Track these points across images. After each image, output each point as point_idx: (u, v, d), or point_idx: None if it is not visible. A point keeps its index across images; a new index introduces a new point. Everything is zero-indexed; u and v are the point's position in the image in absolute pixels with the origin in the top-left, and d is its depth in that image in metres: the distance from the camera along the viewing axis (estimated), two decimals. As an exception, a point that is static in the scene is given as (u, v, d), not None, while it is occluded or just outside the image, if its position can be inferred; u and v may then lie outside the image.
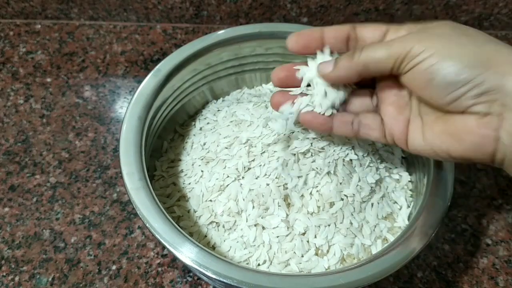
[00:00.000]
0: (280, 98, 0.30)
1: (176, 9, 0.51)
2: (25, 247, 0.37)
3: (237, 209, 0.32)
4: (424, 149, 0.26)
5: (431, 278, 0.37)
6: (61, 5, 0.51)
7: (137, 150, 0.31)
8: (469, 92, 0.22)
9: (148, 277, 0.36)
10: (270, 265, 0.31)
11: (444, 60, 0.22)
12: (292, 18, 0.53)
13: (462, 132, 0.23)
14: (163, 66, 0.36)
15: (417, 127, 0.26)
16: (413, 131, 0.27)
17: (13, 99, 0.46)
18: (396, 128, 0.27)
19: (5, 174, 0.41)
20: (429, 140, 0.26)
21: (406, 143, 0.27)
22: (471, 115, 0.23)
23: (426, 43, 0.23)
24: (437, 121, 0.25)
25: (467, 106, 0.23)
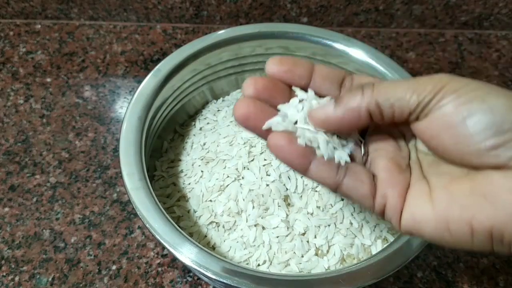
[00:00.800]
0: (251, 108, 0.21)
1: (176, 9, 0.51)
2: (25, 247, 0.37)
3: (237, 209, 0.32)
4: (429, 220, 0.19)
5: (431, 278, 0.37)
6: (61, 5, 0.51)
7: (137, 150, 0.31)
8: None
9: (148, 277, 0.36)
10: (270, 265, 0.31)
11: (488, 97, 0.18)
12: (292, 18, 0.53)
13: (500, 190, 0.17)
14: (163, 66, 0.36)
15: (421, 193, 0.20)
16: (414, 199, 0.20)
17: (13, 99, 0.46)
18: (394, 190, 0.20)
19: (5, 174, 0.41)
20: (442, 206, 0.19)
21: (400, 214, 0.20)
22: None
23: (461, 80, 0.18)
24: (457, 181, 0.19)
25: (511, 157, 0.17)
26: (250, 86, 0.21)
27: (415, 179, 0.21)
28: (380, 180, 0.21)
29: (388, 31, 0.54)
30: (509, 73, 0.52)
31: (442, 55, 0.52)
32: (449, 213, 0.18)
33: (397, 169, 0.21)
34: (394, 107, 0.19)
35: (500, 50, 0.54)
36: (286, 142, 0.20)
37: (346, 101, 0.20)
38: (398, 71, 0.37)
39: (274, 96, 0.21)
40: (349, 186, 0.21)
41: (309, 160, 0.20)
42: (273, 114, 0.21)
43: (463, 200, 0.18)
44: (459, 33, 0.55)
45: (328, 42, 0.38)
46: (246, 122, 0.21)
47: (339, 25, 0.54)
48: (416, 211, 0.19)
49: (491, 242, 0.18)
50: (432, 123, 0.19)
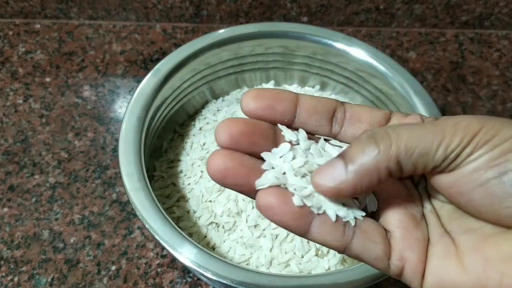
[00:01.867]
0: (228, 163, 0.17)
1: (176, 9, 0.51)
2: (24, 247, 0.37)
3: (237, 209, 0.32)
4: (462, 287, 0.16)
5: (432, 279, 0.37)
6: (60, 4, 0.51)
7: (136, 150, 0.31)
8: None
9: (147, 278, 0.36)
10: (270, 266, 0.31)
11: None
12: (292, 18, 0.53)
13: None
14: (163, 65, 0.36)
15: (446, 252, 0.17)
16: (440, 260, 0.17)
17: (12, 99, 0.46)
18: (414, 251, 0.17)
19: (4, 174, 0.41)
20: (476, 272, 0.16)
21: (422, 277, 0.17)
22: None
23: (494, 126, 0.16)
24: (491, 241, 0.16)
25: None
26: (223, 133, 0.17)
27: (436, 235, 0.18)
28: (396, 239, 0.17)
29: (389, 30, 0.54)
30: (510, 72, 0.51)
31: (443, 54, 0.52)
32: (487, 282, 0.16)
33: (413, 223, 0.18)
34: (417, 162, 0.16)
35: (500, 50, 0.53)
36: (279, 203, 0.16)
37: (359, 160, 0.16)
38: (399, 70, 0.37)
39: (255, 141, 0.17)
40: (359, 247, 0.17)
41: (309, 221, 0.17)
42: (257, 166, 0.17)
43: (501, 266, 0.16)
44: (459, 33, 0.55)
45: (328, 42, 0.38)
46: (223, 180, 0.17)
47: (339, 25, 0.54)
48: (444, 277, 0.17)
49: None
50: (461, 179, 0.16)
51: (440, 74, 0.51)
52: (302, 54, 0.40)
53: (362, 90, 0.40)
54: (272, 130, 0.18)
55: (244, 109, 0.18)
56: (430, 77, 0.50)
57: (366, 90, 0.40)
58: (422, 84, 0.38)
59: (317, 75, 0.42)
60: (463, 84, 0.50)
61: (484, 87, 0.50)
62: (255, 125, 0.18)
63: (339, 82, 0.42)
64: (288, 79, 0.43)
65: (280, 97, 0.18)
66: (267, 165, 0.17)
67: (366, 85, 0.39)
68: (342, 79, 0.41)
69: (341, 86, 0.42)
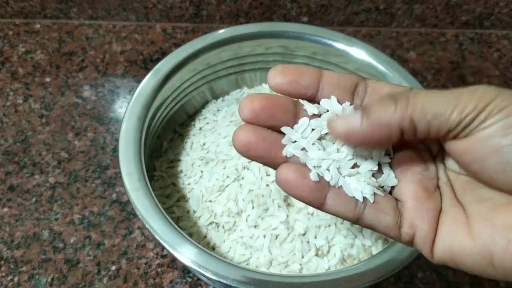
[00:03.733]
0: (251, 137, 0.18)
1: (176, 9, 0.51)
2: (24, 247, 0.37)
3: (237, 209, 0.32)
4: (470, 253, 0.17)
5: (432, 279, 0.37)
6: (60, 4, 0.51)
7: (136, 150, 0.31)
8: None
9: (147, 278, 0.36)
10: (270, 266, 0.31)
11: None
12: (292, 18, 0.53)
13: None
14: (163, 65, 0.36)
15: (456, 220, 0.18)
16: (449, 226, 0.18)
17: (12, 99, 0.46)
18: (424, 220, 0.18)
19: (4, 174, 0.41)
20: (484, 238, 0.17)
21: (432, 244, 0.18)
22: None
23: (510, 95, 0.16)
24: (501, 210, 0.17)
25: None
26: (245, 108, 0.18)
27: (448, 204, 0.19)
28: (408, 208, 0.19)
29: (389, 30, 0.54)
30: (510, 72, 0.51)
31: (443, 54, 0.52)
32: (493, 247, 0.17)
33: (426, 195, 0.19)
34: (431, 124, 0.17)
35: (501, 50, 0.53)
36: (297, 177, 0.18)
37: (376, 114, 0.17)
38: (399, 70, 0.37)
39: (275, 115, 0.19)
40: (371, 218, 0.19)
41: (324, 194, 0.18)
42: (278, 140, 0.19)
43: (509, 233, 0.16)
44: (459, 33, 0.55)
45: (328, 42, 0.38)
46: (248, 153, 0.19)
47: (339, 25, 0.54)
48: (454, 243, 0.18)
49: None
50: (476, 145, 0.16)
51: (440, 74, 0.51)
52: (302, 54, 0.40)
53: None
54: (292, 104, 0.19)
55: (271, 84, 0.19)
56: (430, 77, 0.50)
57: (366, 90, 0.40)
58: (422, 84, 0.38)
59: (317, 75, 0.42)
60: (463, 84, 0.50)
61: (484, 87, 0.50)
62: (275, 100, 0.19)
63: (339, 82, 0.41)
64: (288, 79, 0.43)
65: (304, 72, 0.19)
66: (287, 139, 0.19)
67: (366, 85, 0.39)
68: (342, 79, 0.41)
69: (341, 86, 0.42)
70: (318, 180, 0.18)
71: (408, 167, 0.19)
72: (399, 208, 0.19)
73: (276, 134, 0.19)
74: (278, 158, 0.19)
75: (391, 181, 0.19)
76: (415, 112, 0.17)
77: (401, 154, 0.20)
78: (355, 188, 0.19)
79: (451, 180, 0.19)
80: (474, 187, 0.18)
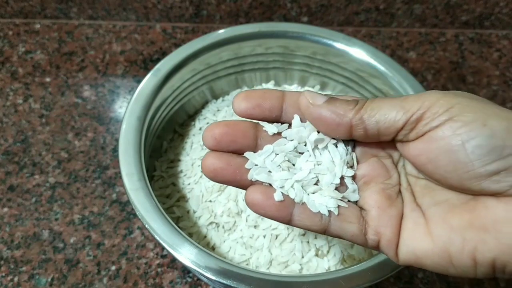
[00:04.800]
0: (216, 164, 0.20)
1: (176, 9, 0.51)
2: (24, 247, 0.37)
3: (237, 209, 0.32)
4: (430, 255, 0.18)
5: (432, 279, 0.37)
6: (60, 4, 0.51)
7: (136, 150, 0.31)
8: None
9: (147, 278, 0.36)
10: (270, 266, 0.31)
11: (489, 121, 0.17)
12: (292, 18, 0.53)
13: (502, 223, 0.17)
14: (163, 65, 0.36)
15: (416, 224, 0.19)
16: (410, 230, 0.19)
17: (12, 99, 0.46)
18: (387, 227, 0.19)
19: (4, 174, 0.41)
20: (442, 240, 0.18)
21: (396, 248, 0.19)
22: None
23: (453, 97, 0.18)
24: (455, 212, 0.18)
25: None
26: (207, 136, 0.20)
27: (409, 210, 0.20)
28: (372, 217, 0.20)
29: (389, 30, 0.54)
30: (510, 72, 0.51)
31: (443, 54, 0.52)
32: (450, 247, 0.18)
33: (388, 202, 0.20)
34: (379, 124, 0.19)
35: (500, 50, 0.53)
36: (263, 198, 0.19)
37: (336, 105, 0.19)
38: (399, 70, 0.37)
39: (236, 140, 0.20)
40: (337, 228, 0.20)
41: (290, 211, 0.20)
42: (242, 165, 0.20)
43: (463, 233, 0.18)
44: (459, 33, 0.55)
45: (328, 42, 0.38)
46: (215, 178, 0.20)
47: (339, 25, 0.54)
48: (415, 246, 0.19)
49: (493, 271, 0.18)
50: (428, 146, 0.18)
51: (440, 74, 0.51)
52: (302, 54, 0.40)
53: (362, 90, 0.40)
54: (252, 127, 0.21)
55: (236, 110, 0.20)
56: (430, 77, 0.50)
57: (366, 90, 0.40)
58: (422, 84, 0.38)
59: (317, 75, 0.42)
60: (463, 84, 0.50)
61: (484, 87, 0.50)
62: (234, 125, 0.20)
63: (339, 82, 0.41)
64: (288, 79, 0.43)
65: (267, 96, 0.20)
66: (250, 164, 0.20)
67: (366, 85, 0.39)
68: (342, 79, 0.41)
69: (341, 86, 0.42)
70: (282, 199, 0.19)
71: (371, 178, 0.21)
72: (364, 216, 0.20)
73: (241, 158, 0.20)
74: (244, 181, 0.20)
75: (354, 197, 0.20)
76: (365, 112, 0.19)
77: (364, 165, 0.21)
78: (320, 203, 0.20)
79: (411, 184, 0.21)
80: (431, 190, 0.19)
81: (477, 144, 0.17)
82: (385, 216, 0.19)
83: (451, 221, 0.18)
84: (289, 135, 0.21)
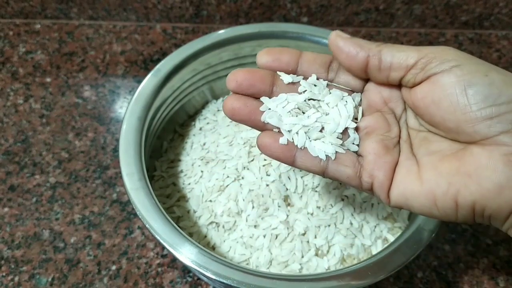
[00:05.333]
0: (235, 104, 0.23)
1: (176, 9, 0.51)
2: (24, 247, 0.37)
3: (237, 209, 0.32)
4: (417, 196, 0.21)
5: (431, 278, 0.37)
6: (60, 5, 0.51)
7: (136, 150, 0.31)
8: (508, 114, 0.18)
9: (148, 277, 0.36)
10: (270, 265, 0.31)
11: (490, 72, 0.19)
12: (292, 18, 0.53)
13: (484, 169, 0.19)
14: (163, 66, 0.36)
15: (409, 170, 0.21)
16: (403, 175, 0.21)
17: (13, 99, 0.46)
18: (380, 171, 0.22)
19: (4, 174, 0.41)
20: (430, 183, 0.20)
21: (387, 191, 0.22)
22: (499, 147, 0.19)
23: (462, 53, 0.20)
24: (446, 160, 0.20)
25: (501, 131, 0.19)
26: (231, 81, 0.23)
27: (404, 158, 0.22)
28: (367, 161, 0.22)
29: (388, 30, 0.54)
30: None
31: (442, 55, 0.52)
32: (436, 190, 0.20)
33: (384, 150, 0.22)
34: (394, 58, 0.21)
35: (500, 50, 0.53)
36: (272, 141, 0.22)
37: (360, 40, 0.22)
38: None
39: (255, 84, 0.23)
40: (334, 171, 0.22)
41: (293, 153, 0.23)
42: (257, 107, 0.23)
43: (450, 178, 0.20)
44: (459, 33, 0.55)
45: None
46: (233, 117, 0.23)
47: (339, 25, 0.54)
48: (405, 188, 0.21)
49: (473, 215, 0.20)
50: (433, 89, 0.20)
51: (440, 74, 0.51)
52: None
53: (362, 90, 0.40)
54: (270, 75, 0.23)
55: (258, 63, 0.23)
56: (429, 77, 0.50)
57: (366, 90, 0.40)
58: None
59: (317, 75, 0.42)
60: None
61: (483, 87, 0.50)
62: (255, 72, 0.23)
63: (339, 82, 0.42)
64: (288, 79, 0.44)
65: (285, 51, 0.23)
66: (264, 107, 0.23)
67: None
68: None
69: (341, 86, 0.42)
70: (286, 143, 0.22)
71: (373, 129, 0.23)
72: (361, 162, 0.22)
73: (257, 101, 0.23)
74: (258, 121, 0.23)
75: (353, 148, 0.23)
76: (385, 47, 0.21)
77: (368, 118, 0.23)
78: (319, 149, 0.22)
79: (411, 137, 0.23)
80: (428, 142, 0.22)
81: (477, 90, 0.19)
82: (380, 162, 0.22)
83: (441, 168, 0.20)
84: (303, 85, 0.23)
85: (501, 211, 0.19)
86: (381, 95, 0.23)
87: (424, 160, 0.21)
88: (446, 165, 0.20)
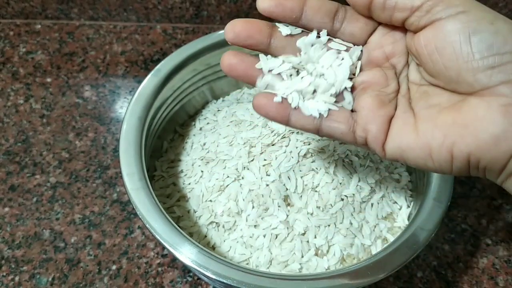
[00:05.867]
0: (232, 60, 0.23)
1: (176, 9, 0.51)
2: (25, 247, 0.37)
3: (237, 209, 0.32)
4: (413, 147, 0.20)
5: (431, 278, 0.37)
6: (61, 5, 0.51)
7: (137, 150, 0.31)
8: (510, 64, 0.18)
9: (148, 277, 0.36)
10: (270, 265, 0.31)
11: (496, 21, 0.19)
12: (292, 18, 0.53)
13: (481, 120, 0.18)
14: (163, 66, 0.36)
15: (406, 123, 0.21)
16: (399, 128, 0.21)
17: (13, 99, 0.46)
18: (374, 124, 0.21)
19: (5, 174, 0.41)
20: (426, 135, 0.20)
21: (382, 144, 0.22)
22: (498, 97, 0.18)
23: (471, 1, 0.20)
24: (444, 112, 0.20)
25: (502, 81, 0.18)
26: (228, 31, 0.22)
27: (401, 112, 0.22)
28: (361, 116, 0.22)
29: None
30: (509, 73, 0.52)
31: (442, 55, 0.52)
32: (432, 141, 0.20)
33: (379, 105, 0.22)
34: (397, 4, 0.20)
35: (500, 50, 0.53)
36: (267, 101, 0.22)
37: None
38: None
39: (252, 35, 0.22)
40: (327, 128, 0.23)
41: (287, 112, 0.22)
42: (254, 63, 0.23)
43: (446, 129, 0.19)
44: (459, 33, 0.55)
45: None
46: (230, 72, 0.23)
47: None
48: (401, 140, 0.21)
49: (468, 167, 0.20)
50: (437, 35, 0.19)
51: (440, 75, 0.51)
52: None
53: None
54: (268, 26, 0.23)
55: (260, 7, 0.22)
56: (429, 77, 0.50)
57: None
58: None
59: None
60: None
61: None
62: (253, 22, 0.22)
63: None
64: (288, 79, 0.44)
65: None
66: (260, 64, 0.23)
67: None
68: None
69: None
70: (280, 101, 0.22)
71: (369, 85, 0.23)
72: (354, 118, 0.22)
73: (253, 58, 0.23)
74: (254, 77, 0.23)
75: (348, 106, 0.23)
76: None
77: (366, 73, 0.23)
78: (312, 108, 0.22)
79: (411, 91, 0.22)
80: (427, 96, 0.21)
81: (482, 38, 0.18)
82: (373, 115, 0.22)
83: (437, 120, 0.20)
84: (300, 45, 0.23)
85: (496, 163, 0.19)
86: (383, 50, 0.23)
87: (422, 113, 0.21)
88: (443, 117, 0.20)
